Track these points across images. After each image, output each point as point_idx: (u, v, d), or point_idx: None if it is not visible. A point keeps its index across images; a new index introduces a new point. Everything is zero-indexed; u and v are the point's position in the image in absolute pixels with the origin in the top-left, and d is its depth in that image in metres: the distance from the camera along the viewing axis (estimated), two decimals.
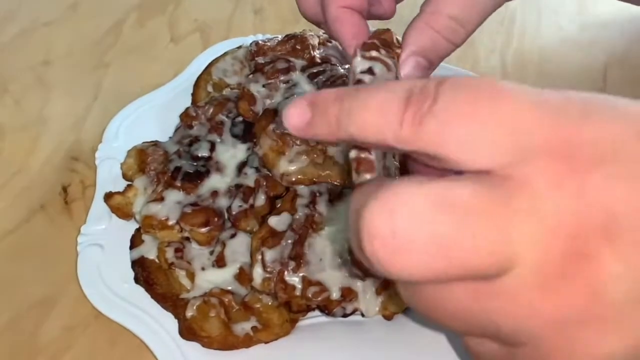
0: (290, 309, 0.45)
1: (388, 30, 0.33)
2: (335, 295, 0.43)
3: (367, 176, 0.25)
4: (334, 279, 0.43)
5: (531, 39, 0.73)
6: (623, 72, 0.69)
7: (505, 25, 0.75)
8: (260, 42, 0.56)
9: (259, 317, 0.45)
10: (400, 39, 0.34)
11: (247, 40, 0.63)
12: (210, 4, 0.77)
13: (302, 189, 0.47)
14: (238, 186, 0.48)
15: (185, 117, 0.54)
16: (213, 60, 0.60)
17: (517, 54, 0.71)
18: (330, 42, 0.57)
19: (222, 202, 0.48)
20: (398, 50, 0.33)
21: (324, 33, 0.58)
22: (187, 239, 0.48)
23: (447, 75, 0.23)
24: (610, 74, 0.68)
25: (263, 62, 0.53)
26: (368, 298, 0.44)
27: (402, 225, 0.19)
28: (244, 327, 0.45)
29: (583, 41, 0.73)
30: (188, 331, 0.44)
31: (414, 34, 0.33)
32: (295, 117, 0.24)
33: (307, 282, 0.43)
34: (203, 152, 0.51)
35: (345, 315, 0.45)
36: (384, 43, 0.31)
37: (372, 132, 0.22)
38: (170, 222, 0.47)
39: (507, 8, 0.77)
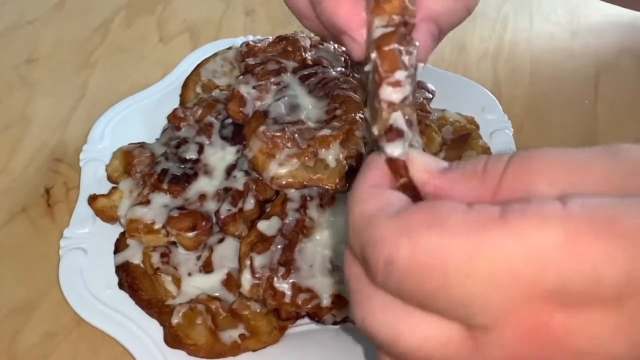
0: (280, 316, 0.44)
1: None
2: (325, 302, 0.42)
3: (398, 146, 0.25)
4: (325, 285, 0.42)
5: (523, 45, 0.73)
6: (615, 80, 0.69)
7: (497, 31, 0.75)
8: (251, 43, 0.55)
9: (247, 325, 0.44)
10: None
11: (238, 41, 0.62)
12: (201, 5, 0.76)
13: (293, 193, 0.46)
14: (227, 189, 0.47)
15: (173, 118, 0.53)
16: (202, 61, 0.60)
17: (509, 60, 0.71)
18: (322, 44, 0.56)
19: (210, 205, 0.47)
20: (413, 21, 0.27)
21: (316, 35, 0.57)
22: (174, 243, 0.47)
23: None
24: (602, 81, 0.68)
25: (253, 63, 0.52)
26: None
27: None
28: (231, 334, 0.44)
29: (575, 49, 0.73)
30: (173, 339, 0.43)
31: None
32: None
33: (297, 288, 0.42)
34: (191, 155, 0.50)
35: (335, 323, 0.44)
36: (399, 12, 0.26)
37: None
38: (156, 226, 0.46)
39: (499, 14, 0.77)
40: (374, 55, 0.26)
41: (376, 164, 0.25)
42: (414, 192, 0.25)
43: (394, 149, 0.25)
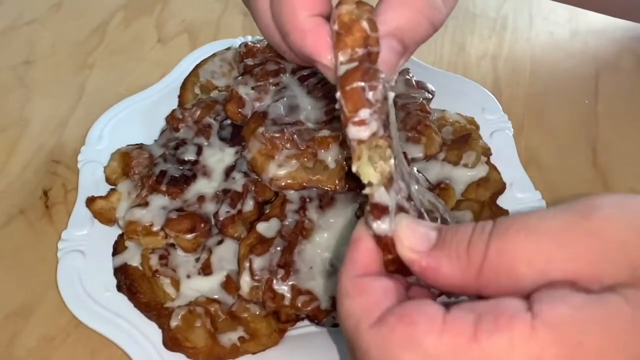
0: (279, 318, 0.43)
1: (357, 22, 0.26)
2: (325, 304, 0.42)
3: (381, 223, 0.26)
4: (324, 287, 0.42)
5: (523, 45, 0.73)
6: (615, 80, 0.69)
7: (496, 30, 0.74)
8: (249, 43, 0.55)
9: (247, 327, 0.43)
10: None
11: (236, 41, 0.62)
12: (199, 5, 0.76)
13: (292, 194, 0.46)
14: (225, 191, 0.47)
15: (172, 119, 0.52)
16: (201, 62, 0.59)
17: (509, 60, 0.71)
18: None
19: (209, 207, 0.47)
20: (377, 49, 0.27)
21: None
22: (172, 245, 0.46)
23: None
24: (602, 81, 0.68)
25: (252, 64, 0.52)
26: None
27: None
28: (230, 337, 0.43)
29: (574, 48, 0.73)
30: (172, 342, 0.43)
31: (390, 11, 0.28)
32: None
33: (296, 290, 0.42)
34: (189, 156, 0.49)
35: (335, 325, 0.44)
36: (363, 43, 0.26)
37: None
38: (155, 228, 0.45)
39: (499, 14, 0.77)
40: (338, 94, 0.26)
41: (363, 243, 0.26)
42: (402, 266, 0.26)
43: (380, 226, 0.26)
